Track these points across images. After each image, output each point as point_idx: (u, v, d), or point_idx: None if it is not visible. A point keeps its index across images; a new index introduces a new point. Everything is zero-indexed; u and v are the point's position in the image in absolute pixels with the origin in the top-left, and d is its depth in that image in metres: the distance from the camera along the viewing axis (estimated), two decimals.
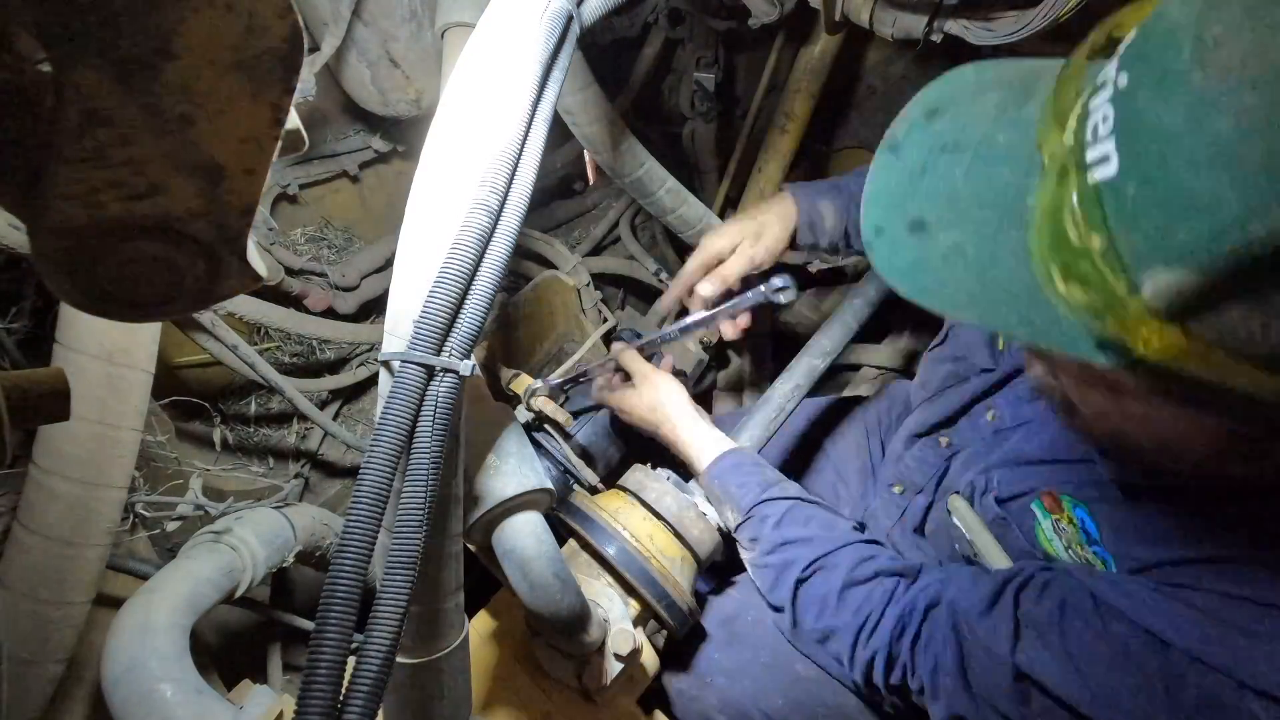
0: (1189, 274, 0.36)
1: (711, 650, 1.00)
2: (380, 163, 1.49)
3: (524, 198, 0.59)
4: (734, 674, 0.97)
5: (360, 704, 0.47)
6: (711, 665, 0.99)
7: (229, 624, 1.23)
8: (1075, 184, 0.40)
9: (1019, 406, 0.86)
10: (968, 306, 0.48)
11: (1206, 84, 0.34)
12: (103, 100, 0.32)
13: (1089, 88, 0.42)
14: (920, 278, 0.50)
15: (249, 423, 1.45)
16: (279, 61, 0.34)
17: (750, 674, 0.96)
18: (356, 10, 1.13)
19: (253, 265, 0.42)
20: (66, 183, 0.34)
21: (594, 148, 1.09)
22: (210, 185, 0.37)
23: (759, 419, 1.05)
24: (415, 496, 0.53)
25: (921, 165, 0.51)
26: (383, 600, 0.51)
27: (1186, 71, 0.35)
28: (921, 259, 0.50)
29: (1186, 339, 0.38)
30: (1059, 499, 0.76)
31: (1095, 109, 0.40)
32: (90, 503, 0.87)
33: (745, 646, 0.99)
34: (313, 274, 1.40)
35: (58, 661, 0.89)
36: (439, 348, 0.54)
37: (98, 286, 0.38)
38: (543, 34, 0.64)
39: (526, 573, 0.73)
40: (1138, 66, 0.38)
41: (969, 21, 0.97)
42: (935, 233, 0.49)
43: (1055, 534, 0.76)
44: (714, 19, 1.51)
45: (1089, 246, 0.40)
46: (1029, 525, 0.79)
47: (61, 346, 0.85)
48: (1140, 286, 0.38)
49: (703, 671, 0.99)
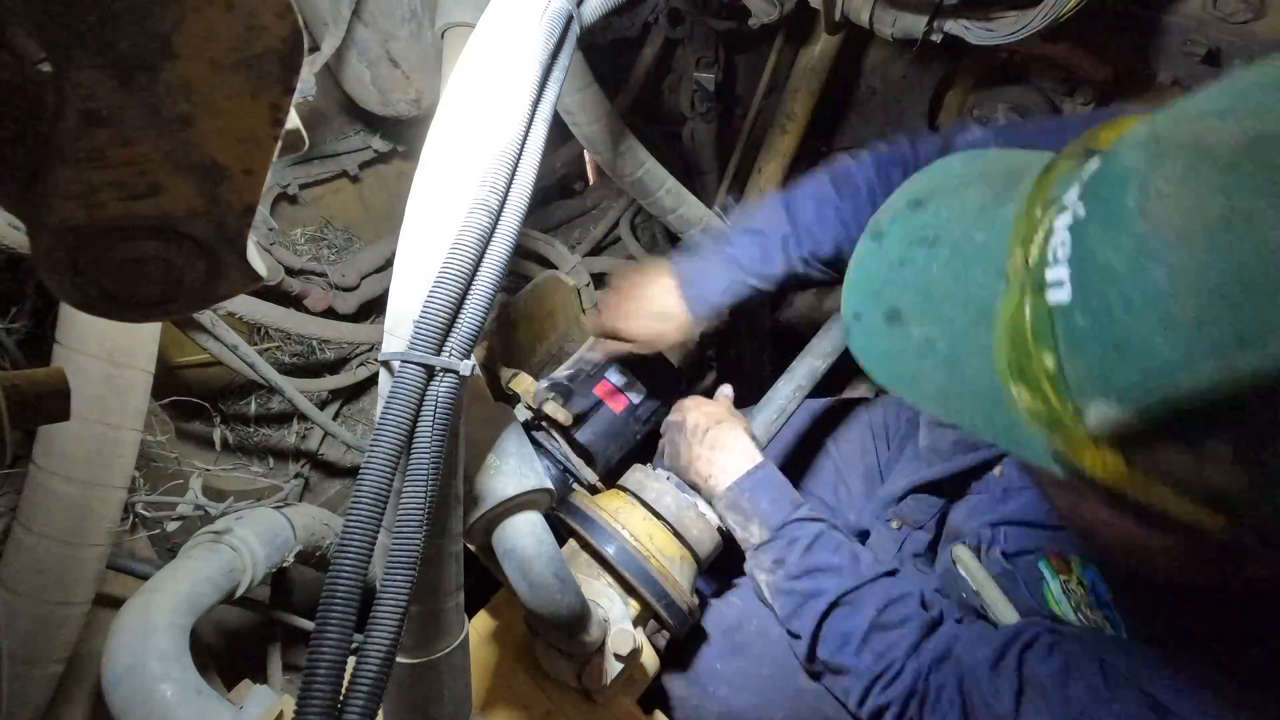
0: (1124, 411, 0.37)
1: (713, 659, 0.99)
2: (380, 163, 1.49)
3: (524, 198, 0.59)
4: (736, 685, 0.96)
5: (360, 704, 0.47)
6: (714, 674, 0.98)
7: (229, 624, 1.23)
8: (1034, 302, 0.42)
9: (1024, 473, 0.84)
10: (937, 401, 0.49)
11: (1148, 233, 0.35)
12: (103, 100, 0.32)
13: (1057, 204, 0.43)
14: (894, 367, 0.51)
15: (249, 423, 1.45)
16: (279, 61, 0.34)
17: (752, 686, 0.95)
18: (356, 10, 1.13)
19: (253, 265, 0.42)
20: (66, 183, 0.34)
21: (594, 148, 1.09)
22: (210, 185, 0.37)
23: (760, 420, 1.05)
24: (415, 496, 0.53)
25: (900, 257, 0.52)
26: (383, 600, 0.51)
27: (1132, 217, 0.36)
28: (896, 349, 0.50)
29: (1128, 468, 0.39)
30: (1067, 560, 0.75)
31: (1058, 230, 0.41)
32: (90, 503, 0.87)
33: (748, 658, 0.98)
34: (313, 274, 1.40)
35: (58, 661, 0.89)
36: (439, 348, 0.54)
37: (98, 286, 0.38)
38: (543, 34, 0.64)
39: (526, 573, 0.73)
40: (1093, 201, 0.40)
41: (969, 21, 0.97)
42: (910, 325, 0.50)
43: (1064, 595, 0.75)
44: (714, 19, 1.51)
45: (1043, 364, 0.41)
46: (1036, 583, 0.78)
47: (61, 346, 0.85)
48: (1084, 414, 0.39)
49: (704, 680, 0.98)
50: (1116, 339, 0.37)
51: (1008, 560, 0.81)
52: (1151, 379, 0.36)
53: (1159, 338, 0.35)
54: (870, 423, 1.23)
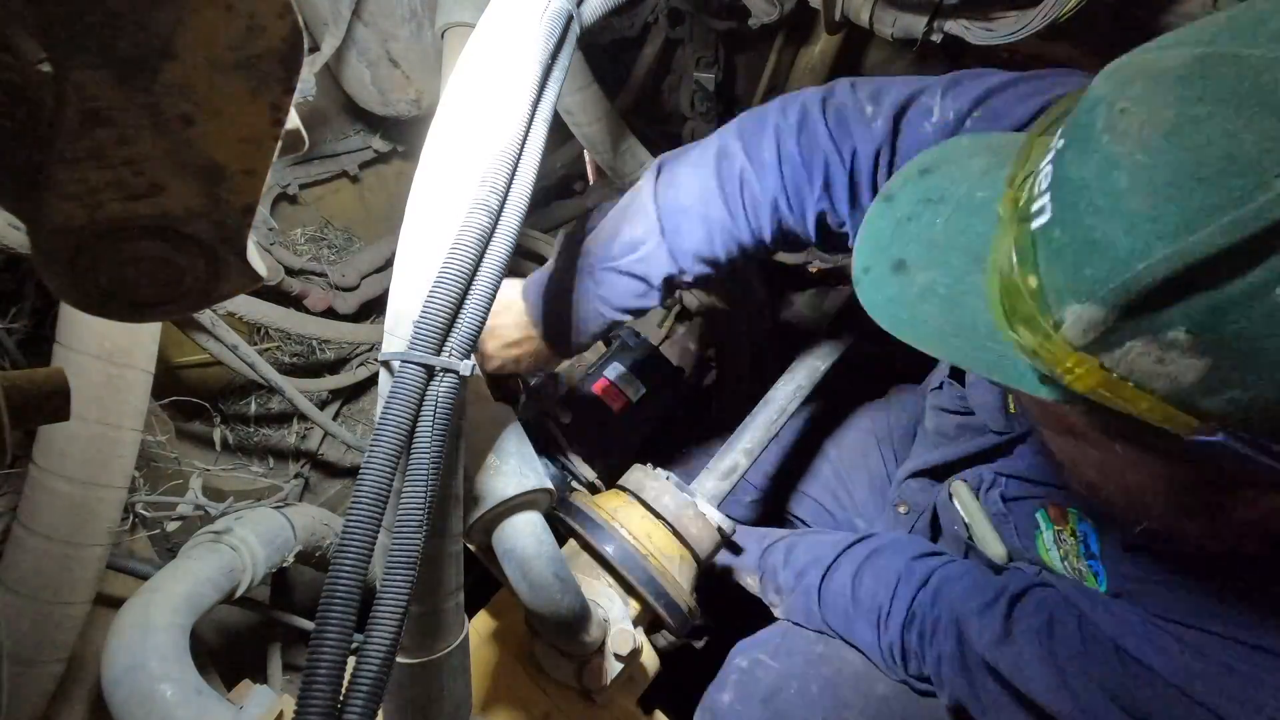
0: (1093, 308, 0.41)
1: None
2: (380, 163, 1.49)
3: (524, 198, 0.59)
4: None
5: (360, 704, 0.47)
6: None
7: (229, 624, 1.23)
8: (1020, 231, 0.46)
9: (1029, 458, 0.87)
10: (936, 341, 0.52)
11: (1111, 145, 0.40)
12: (103, 100, 0.32)
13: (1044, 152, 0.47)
14: (897, 312, 0.54)
15: (249, 423, 1.45)
16: (279, 61, 0.34)
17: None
18: (356, 10, 1.14)
19: (253, 265, 0.42)
20: (66, 183, 0.34)
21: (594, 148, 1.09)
22: (210, 185, 0.37)
23: (760, 420, 1.05)
24: (415, 496, 0.53)
25: (909, 214, 0.56)
26: (383, 600, 0.51)
27: (1099, 135, 0.41)
28: (900, 295, 0.54)
29: (1100, 370, 0.42)
30: (1066, 512, 0.78)
31: (1041, 169, 0.46)
32: (90, 503, 0.87)
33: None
34: (313, 274, 1.40)
35: (58, 661, 0.89)
36: (439, 348, 0.54)
37: (98, 286, 0.38)
38: (542, 34, 0.64)
39: (526, 573, 0.73)
40: (1069, 131, 0.44)
41: (969, 21, 0.97)
42: (914, 273, 0.54)
43: (1055, 544, 0.79)
44: (714, 19, 1.51)
45: (1027, 286, 0.45)
46: (1029, 530, 0.81)
47: (61, 346, 0.85)
48: (1061, 322, 0.43)
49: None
50: (1086, 241, 0.41)
51: (1005, 504, 0.85)
52: (1115, 272, 0.39)
53: (1120, 232, 0.39)
54: (873, 429, 1.22)
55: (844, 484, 1.19)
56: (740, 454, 1.01)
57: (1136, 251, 0.38)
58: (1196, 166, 0.37)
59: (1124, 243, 0.39)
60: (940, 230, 0.54)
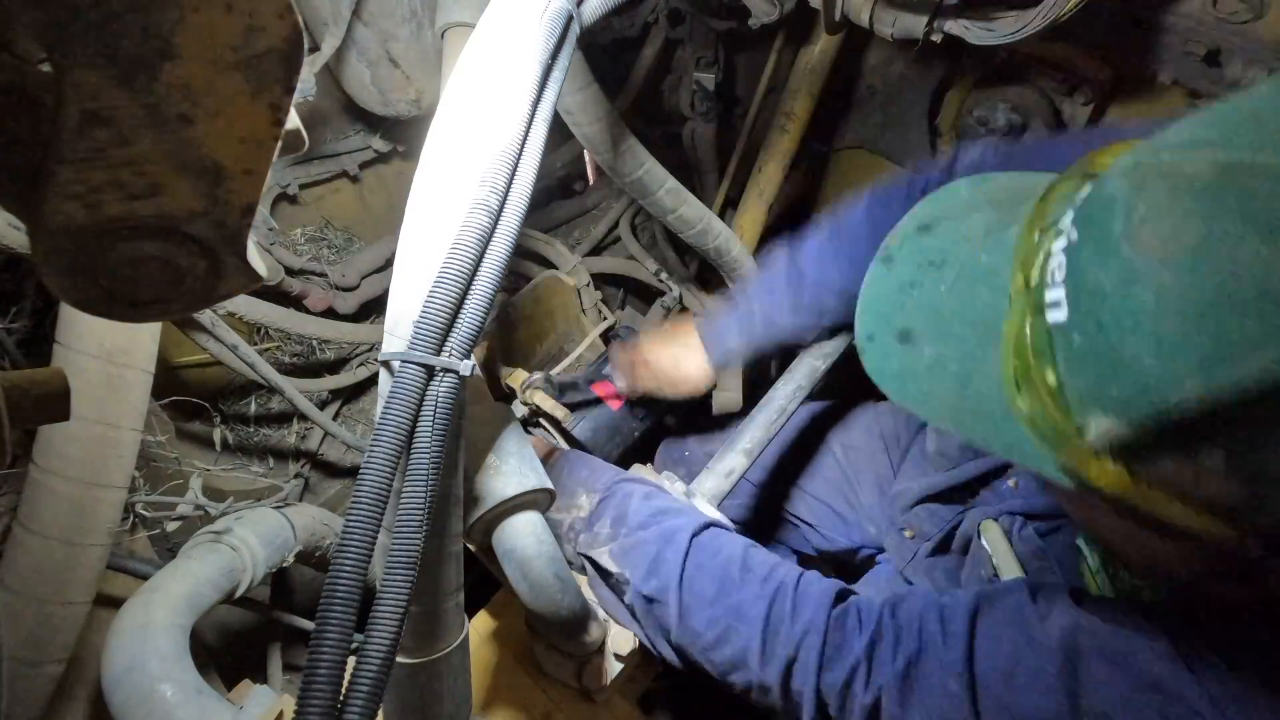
0: (1120, 425, 0.39)
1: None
2: (380, 163, 1.49)
3: (524, 198, 0.59)
4: None
5: (360, 704, 0.47)
6: None
7: (229, 624, 1.23)
8: (1034, 321, 0.44)
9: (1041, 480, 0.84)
10: (949, 418, 0.51)
11: (1133, 256, 0.38)
12: (103, 100, 0.32)
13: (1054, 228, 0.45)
14: (907, 385, 0.53)
15: (249, 423, 1.45)
16: (279, 61, 0.34)
17: None
18: (356, 10, 1.13)
19: (253, 265, 0.42)
20: (66, 183, 0.34)
21: (594, 148, 1.09)
22: (210, 185, 0.37)
23: (760, 420, 1.05)
24: (415, 496, 0.53)
25: (910, 280, 0.54)
26: (383, 600, 0.51)
27: (1117, 241, 0.39)
28: (908, 368, 0.53)
29: (1131, 479, 0.41)
30: None
31: (1055, 253, 0.44)
32: (90, 503, 0.87)
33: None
34: (313, 274, 1.40)
35: (58, 661, 0.89)
36: (439, 348, 0.54)
37: (98, 286, 0.38)
38: (542, 34, 0.64)
39: (526, 573, 0.73)
40: (1084, 226, 0.42)
41: (969, 21, 0.97)
42: (921, 345, 0.52)
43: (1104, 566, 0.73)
44: (714, 19, 1.51)
45: (1045, 380, 0.43)
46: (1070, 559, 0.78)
47: (61, 346, 0.85)
48: (1085, 428, 0.41)
49: None
50: (1110, 356, 0.39)
51: (1042, 539, 0.81)
52: (1143, 394, 0.37)
53: (1147, 355, 0.37)
54: (881, 433, 1.22)
55: (853, 487, 1.18)
56: (740, 454, 1.01)
57: (1167, 379, 0.36)
58: (1230, 294, 0.35)
59: (1153, 368, 0.37)
60: (945, 299, 0.52)
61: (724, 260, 1.31)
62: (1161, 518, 0.41)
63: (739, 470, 1.01)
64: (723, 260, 1.31)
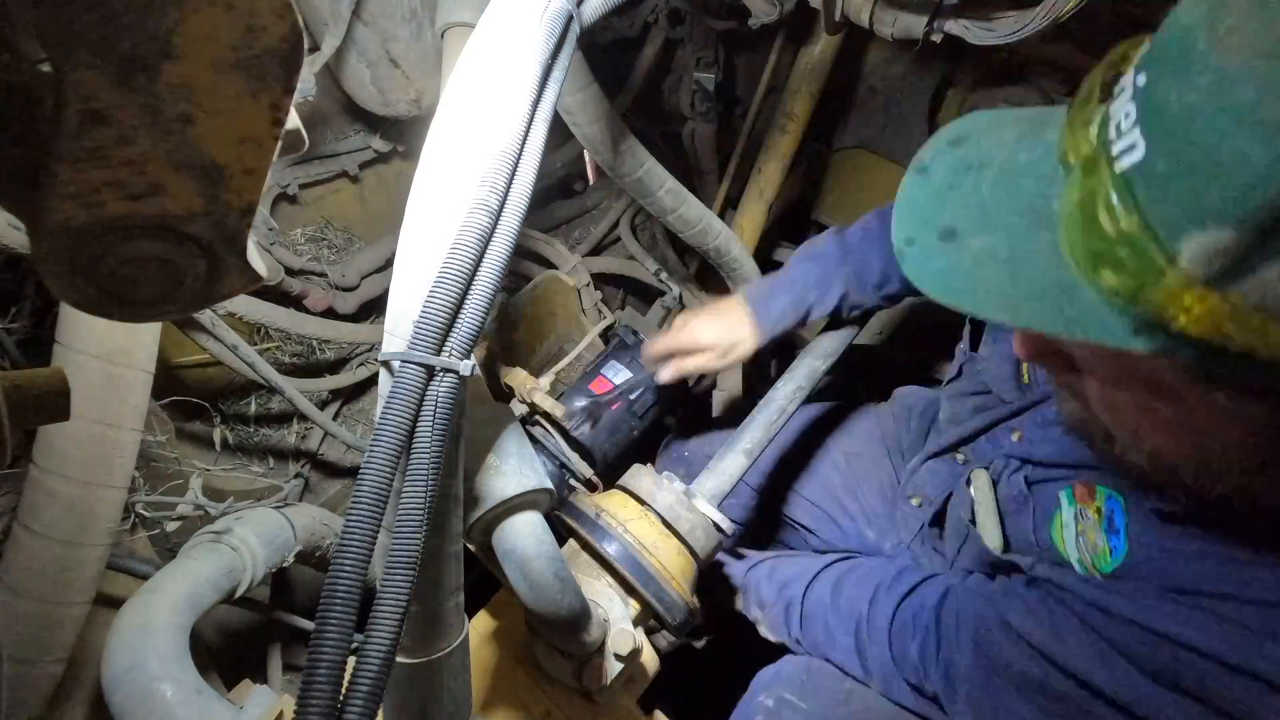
0: (1224, 232, 0.38)
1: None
2: (380, 163, 1.49)
3: (524, 198, 0.59)
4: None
5: (360, 704, 0.47)
6: None
7: (229, 624, 1.23)
8: (1105, 175, 0.43)
9: (1047, 429, 0.85)
10: (1000, 307, 0.50)
11: (1225, 62, 0.37)
12: (103, 100, 0.32)
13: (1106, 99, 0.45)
14: (952, 281, 0.52)
15: (249, 423, 1.45)
16: (279, 61, 0.34)
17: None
18: (356, 10, 1.13)
19: (253, 265, 0.42)
20: (66, 182, 0.34)
21: (594, 148, 1.09)
22: (210, 185, 0.37)
23: (760, 421, 1.05)
24: (415, 496, 0.53)
25: (948, 183, 0.54)
26: (383, 600, 0.51)
27: (1204, 56, 0.38)
28: (953, 264, 0.52)
29: (1226, 304, 0.40)
30: (1094, 489, 0.76)
31: (1115, 112, 0.44)
32: (90, 503, 0.87)
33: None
34: (313, 274, 1.40)
35: (58, 661, 0.89)
36: (439, 348, 0.54)
37: (98, 286, 0.38)
38: (542, 34, 0.64)
39: (526, 573, 0.73)
40: (1156, 65, 0.42)
41: (969, 21, 0.97)
42: (966, 239, 0.51)
43: (1073, 520, 0.77)
44: (714, 19, 1.51)
45: (1122, 229, 0.42)
46: (1047, 511, 0.80)
47: (61, 346, 0.85)
48: (1177, 255, 0.40)
49: None
50: (1206, 167, 0.38)
51: (1029, 488, 0.83)
52: (1249, 189, 0.37)
53: (1255, 147, 0.36)
54: (883, 436, 1.22)
55: (853, 494, 1.18)
56: (740, 454, 1.01)
57: (1275, 165, 0.36)
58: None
59: (1260, 155, 0.36)
60: (988, 194, 0.51)
61: (724, 260, 1.31)
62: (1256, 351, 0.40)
63: (739, 470, 1.01)
64: (723, 260, 1.31)
